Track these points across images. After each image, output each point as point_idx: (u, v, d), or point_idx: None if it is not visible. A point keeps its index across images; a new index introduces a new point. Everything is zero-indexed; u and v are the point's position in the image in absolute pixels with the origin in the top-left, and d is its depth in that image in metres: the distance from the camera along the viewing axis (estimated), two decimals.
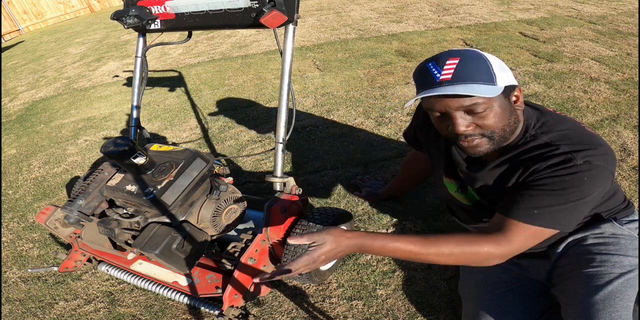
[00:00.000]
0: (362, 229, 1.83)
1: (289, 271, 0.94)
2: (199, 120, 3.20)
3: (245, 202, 1.55)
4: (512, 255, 1.01)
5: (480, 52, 0.98)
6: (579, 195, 0.96)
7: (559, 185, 0.96)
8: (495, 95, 0.94)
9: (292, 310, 1.53)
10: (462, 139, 1.02)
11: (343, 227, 1.51)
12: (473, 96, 0.94)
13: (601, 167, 0.95)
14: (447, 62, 0.95)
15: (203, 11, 1.48)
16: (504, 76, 0.97)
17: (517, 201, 1.00)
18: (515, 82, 1.00)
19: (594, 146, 0.97)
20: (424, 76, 0.99)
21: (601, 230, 1.14)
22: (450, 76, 0.94)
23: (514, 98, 1.01)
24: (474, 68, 0.94)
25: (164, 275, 1.58)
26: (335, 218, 1.48)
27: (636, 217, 1.20)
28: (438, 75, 0.96)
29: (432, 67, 0.97)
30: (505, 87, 0.96)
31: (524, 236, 0.99)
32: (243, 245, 1.51)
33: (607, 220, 1.16)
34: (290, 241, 0.98)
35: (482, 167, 1.13)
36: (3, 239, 2.22)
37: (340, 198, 2.06)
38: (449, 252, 0.97)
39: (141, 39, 1.76)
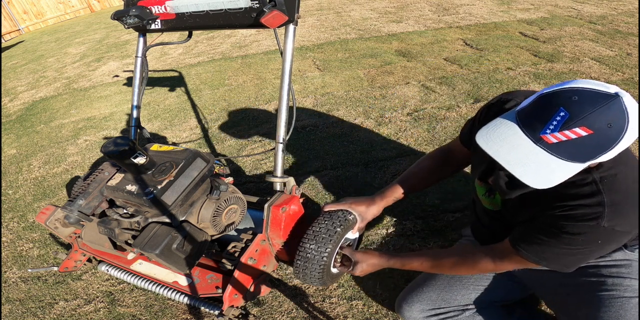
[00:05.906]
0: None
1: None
2: (199, 120, 3.20)
3: (246, 202, 1.55)
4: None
5: (634, 126, 0.78)
6: (590, 251, 0.97)
7: (574, 240, 0.93)
8: (551, 184, 0.84)
9: (292, 310, 1.53)
10: None
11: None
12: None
13: (623, 233, 0.92)
14: (576, 128, 0.78)
15: (203, 11, 1.48)
16: (607, 155, 0.81)
17: (531, 242, 1.00)
18: (616, 152, 0.82)
19: (633, 205, 0.91)
20: (540, 112, 0.82)
21: (612, 258, 1.11)
22: (555, 141, 0.80)
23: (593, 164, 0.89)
24: (584, 147, 0.79)
25: (164, 275, 1.58)
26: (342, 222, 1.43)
27: None
28: (548, 131, 0.80)
29: (557, 116, 0.79)
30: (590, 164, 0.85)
31: (523, 264, 1.07)
32: (243, 245, 1.51)
33: (617, 249, 1.11)
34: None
35: (524, 187, 0.95)
36: (3, 239, 2.22)
37: (339, 198, 2.06)
38: (451, 268, 1.20)
39: (141, 39, 1.76)
